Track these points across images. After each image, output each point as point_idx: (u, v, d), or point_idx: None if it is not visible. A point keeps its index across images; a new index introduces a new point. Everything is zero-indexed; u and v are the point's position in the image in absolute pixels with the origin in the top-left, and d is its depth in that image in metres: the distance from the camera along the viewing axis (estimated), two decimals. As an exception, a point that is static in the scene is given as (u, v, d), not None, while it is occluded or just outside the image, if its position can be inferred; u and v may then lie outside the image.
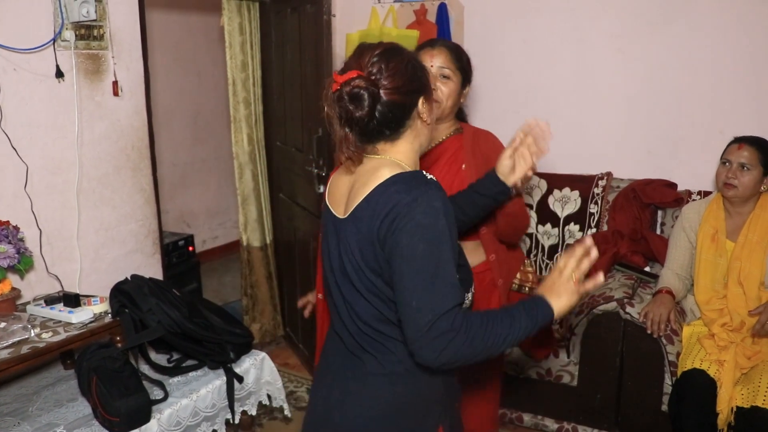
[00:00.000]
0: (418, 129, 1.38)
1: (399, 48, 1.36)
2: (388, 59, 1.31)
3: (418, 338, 1.21)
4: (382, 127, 1.32)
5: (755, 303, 2.42)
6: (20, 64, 2.44)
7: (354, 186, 1.35)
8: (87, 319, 2.26)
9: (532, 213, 3.28)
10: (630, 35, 3.19)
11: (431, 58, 2.03)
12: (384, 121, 1.31)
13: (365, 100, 1.29)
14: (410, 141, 1.37)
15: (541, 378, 2.80)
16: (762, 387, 2.27)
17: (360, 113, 1.29)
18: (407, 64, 1.33)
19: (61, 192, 2.62)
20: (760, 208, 2.51)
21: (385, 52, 1.33)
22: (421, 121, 1.38)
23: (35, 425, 2.05)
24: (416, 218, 1.21)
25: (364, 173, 1.34)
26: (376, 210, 1.26)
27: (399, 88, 1.31)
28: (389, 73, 1.30)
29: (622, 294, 2.68)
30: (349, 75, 1.30)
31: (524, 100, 3.49)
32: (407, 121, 1.35)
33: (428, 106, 1.38)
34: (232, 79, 3.67)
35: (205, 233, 5.62)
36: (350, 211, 1.32)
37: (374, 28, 3.68)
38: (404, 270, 1.22)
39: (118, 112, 2.82)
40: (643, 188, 3.07)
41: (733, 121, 2.98)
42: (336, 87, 1.31)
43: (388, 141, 1.35)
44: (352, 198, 1.34)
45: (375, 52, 1.32)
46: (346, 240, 1.32)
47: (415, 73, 1.35)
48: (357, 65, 1.32)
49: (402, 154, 1.36)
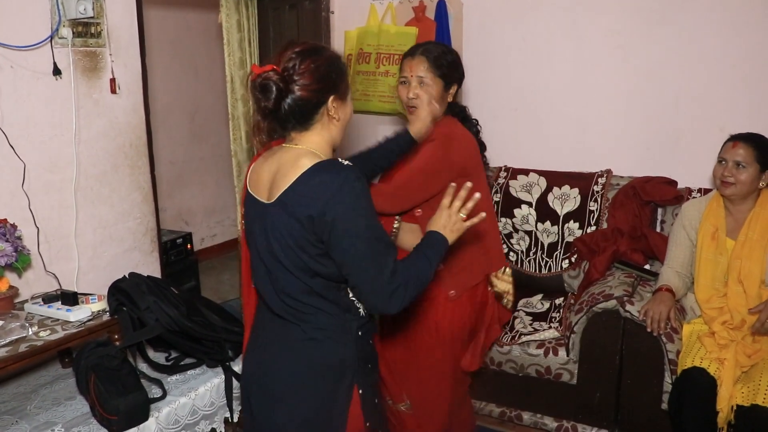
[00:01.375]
0: (326, 124, 1.54)
1: (320, 49, 1.53)
2: (304, 58, 1.47)
3: (382, 295, 1.45)
4: (289, 117, 1.49)
5: (755, 301, 2.42)
6: (17, 62, 2.43)
7: (277, 174, 1.49)
8: (85, 317, 2.25)
9: (532, 210, 3.27)
10: (629, 32, 3.19)
11: (410, 69, 2.20)
12: (291, 113, 1.48)
13: (272, 93, 1.45)
14: (319, 133, 1.54)
15: (540, 376, 2.80)
16: (762, 385, 2.26)
17: (266, 104, 1.46)
18: (321, 65, 1.49)
19: (59, 190, 2.61)
20: (760, 206, 2.50)
21: (304, 51, 1.48)
22: (329, 117, 1.53)
23: (33, 423, 2.04)
24: (346, 201, 1.40)
25: (285, 162, 1.49)
26: (304, 196, 1.42)
27: (308, 86, 1.47)
28: (301, 71, 1.46)
29: (621, 292, 2.68)
30: (265, 68, 1.46)
31: (523, 97, 3.49)
32: (315, 116, 1.51)
33: (338, 104, 1.53)
34: (230, 77, 3.66)
35: (203, 231, 5.61)
36: (276, 196, 1.46)
37: (373, 25, 3.67)
38: (355, 245, 1.42)
39: (116, 110, 2.81)
40: (643, 186, 3.07)
41: (733, 118, 2.97)
42: (253, 77, 1.47)
43: (298, 131, 1.52)
44: (275, 185, 1.48)
45: (295, 50, 1.48)
46: (273, 223, 1.47)
47: (329, 74, 1.50)
48: (276, 60, 1.48)
49: (315, 144, 1.53)
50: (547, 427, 2.86)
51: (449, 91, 2.23)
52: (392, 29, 3.61)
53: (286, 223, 1.45)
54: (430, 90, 2.17)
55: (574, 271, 3.19)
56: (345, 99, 1.56)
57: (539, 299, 3.16)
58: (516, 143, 3.51)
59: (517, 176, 3.35)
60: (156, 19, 4.89)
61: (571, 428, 2.80)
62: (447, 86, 2.22)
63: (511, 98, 3.52)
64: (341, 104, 1.55)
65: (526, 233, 3.30)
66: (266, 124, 1.51)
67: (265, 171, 1.54)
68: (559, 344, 2.77)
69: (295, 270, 1.48)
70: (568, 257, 3.20)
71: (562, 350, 2.75)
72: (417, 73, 2.17)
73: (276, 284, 1.53)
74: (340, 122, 1.56)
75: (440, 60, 2.19)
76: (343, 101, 1.56)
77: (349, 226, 1.41)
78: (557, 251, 3.23)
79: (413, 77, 2.18)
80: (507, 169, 3.41)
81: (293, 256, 1.46)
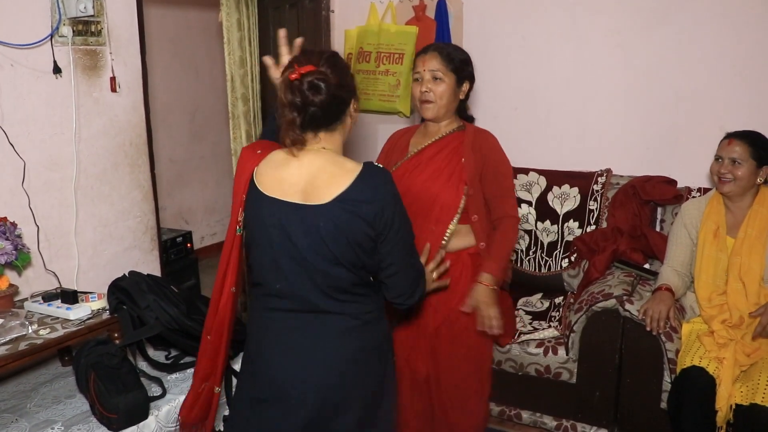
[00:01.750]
0: (347, 125, 1.67)
1: (336, 54, 1.64)
2: (334, 62, 1.58)
3: (412, 286, 1.70)
4: (327, 115, 1.57)
5: (755, 298, 2.42)
6: (17, 60, 2.43)
7: (318, 176, 1.57)
8: (85, 315, 2.25)
9: (531, 209, 3.27)
10: (629, 32, 3.19)
11: (423, 64, 2.26)
12: (329, 111, 1.57)
13: (322, 90, 1.53)
14: (341, 133, 1.66)
15: (539, 375, 2.80)
16: (761, 384, 2.27)
17: (315, 99, 1.53)
18: (346, 69, 1.62)
19: (59, 188, 2.61)
20: (758, 203, 2.51)
21: (331, 56, 1.60)
22: (350, 119, 1.66)
23: (33, 422, 2.04)
24: (396, 206, 1.58)
25: (325, 165, 1.58)
26: (366, 196, 1.54)
27: (343, 86, 1.57)
28: (336, 72, 1.56)
29: (621, 291, 2.68)
30: (308, 68, 1.53)
31: (523, 96, 3.49)
32: (343, 116, 1.62)
33: (356, 105, 1.66)
34: (230, 76, 3.66)
35: (203, 230, 5.61)
36: (331, 198, 1.54)
37: (373, 24, 3.67)
38: (400, 242, 1.61)
39: (116, 109, 2.81)
40: (643, 185, 3.07)
41: (732, 117, 2.97)
42: (296, 76, 1.53)
43: (326, 131, 1.61)
44: (320, 186, 1.56)
45: (324, 55, 1.58)
46: (325, 222, 1.55)
47: (352, 78, 1.64)
48: (307, 62, 1.55)
49: (335, 145, 1.64)
50: (546, 426, 2.86)
51: (461, 88, 2.29)
52: (392, 28, 3.61)
53: (347, 222, 1.54)
54: (443, 86, 2.23)
55: (574, 270, 3.19)
56: (358, 101, 1.68)
57: (539, 298, 3.17)
58: (516, 142, 3.50)
59: (516, 175, 3.35)
60: (156, 17, 4.89)
61: (571, 427, 2.80)
62: (459, 82, 2.27)
63: (511, 97, 3.52)
64: (356, 106, 1.67)
65: (525, 232, 3.30)
66: (300, 120, 1.56)
67: (292, 174, 1.60)
68: (559, 343, 2.77)
69: (349, 265, 1.59)
70: (568, 256, 3.20)
71: (561, 349, 2.76)
72: (430, 68, 2.23)
73: (322, 280, 1.60)
74: (353, 123, 1.69)
75: (452, 55, 2.25)
76: (357, 103, 1.68)
77: (399, 224, 1.60)
78: (557, 250, 3.23)
79: (426, 71, 2.24)
80: (507, 168, 3.41)
81: (349, 251, 1.57)
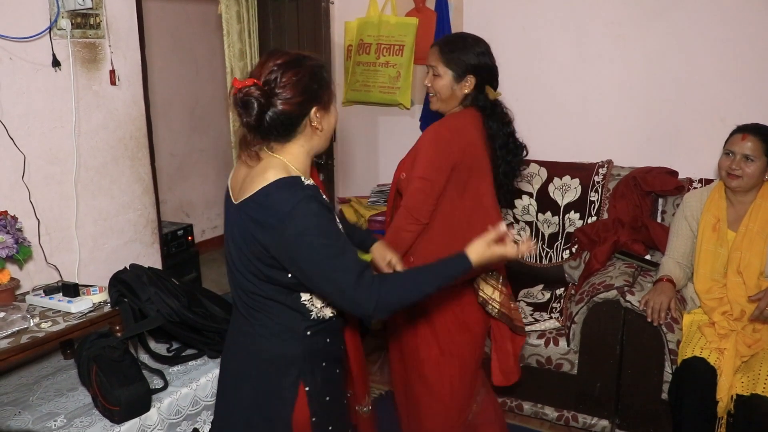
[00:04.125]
0: (310, 135, 1.54)
1: (302, 59, 1.50)
2: (286, 70, 1.46)
3: (351, 293, 1.44)
4: (271, 130, 1.48)
5: (754, 292, 2.41)
6: (16, 53, 2.42)
7: (246, 179, 1.52)
8: (86, 308, 2.25)
9: (532, 201, 3.27)
10: (630, 23, 3.18)
11: (428, 58, 2.18)
12: (273, 126, 1.48)
13: (254, 108, 1.45)
14: (301, 144, 1.54)
15: (541, 366, 2.80)
16: (762, 375, 2.27)
17: (247, 119, 1.46)
18: (303, 77, 1.47)
19: (59, 182, 2.61)
20: (761, 197, 2.49)
21: (286, 63, 1.47)
22: (312, 128, 1.52)
23: (36, 414, 2.05)
24: (299, 225, 1.41)
25: (257, 169, 1.51)
26: (262, 207, 1.45)
27: (289, 99, 1.46)
28: (283, 84, 1.45)
29: (622, 282, 2.68)
30: (245, 83, 1.46)
31: (524, 87, 3.48)
32: (298, 128, 1.51)
33: (322, 114, 1.52)
34: (230, 68, 3.65)
35: (204, 223, 5.60)
36: (240, 200, 1.50)
37: (373, 15, 3.66)
38: (315, 262, 1.43)
39: (116, 102, 2.80)
40: (644, 176, 3.06)
41: (734, 108, 2.96)
42: (234, 92, 1.47)
43: (280, 142, 1.52)
44: (243, 188, 1.51)
45: (277, 62, 1.47)
46: (236, 223, 1.52)
47: (311, 85, 1.49)
48: (258, 72, 1.48)
49: (292, 156, 1.53)
50: (547, 417, 2.87)
51: (464, 83, 2.13)
52: (392, 20, 3.60)
53: (244, 228, 1.49)
54: (440, 80, 2.14)
55: (575, 261, 3.19)
56: (328, 109, 1.55)
57: (540, 290, 3.17)
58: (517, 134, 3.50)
59: (517, 167, 3.34)
60: (155, 10, 4.87)
61: (572, 418, 2.81)
62: (458, 77, 2.13)
63: (511, 89, 3.49)
64: (324, 114, 1.54)
65: (526, 224, 3.30)
66: (251, 137, 1.51)
67: (241, 173, 1.58)
68: (560, 334, 2.78)
69: (246, 272, 1.53)
70: (569, 248, 3.20)
71: (562, 340, 2.76)
72: (430, 62, 2.17)
73: (233, 280, 1.60)
74: (324, 132, 1.56)
75: (447, 48, 2.13)
76: (327, 111, 1.55)
77: (305, 249, 1.43)
78: (558, 242, 3.23)
79: (429, 66, 2.18)
80: (507, 160, 3.41)
81: (246, 260, 1.51)
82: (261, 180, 1.47)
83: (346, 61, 3.87)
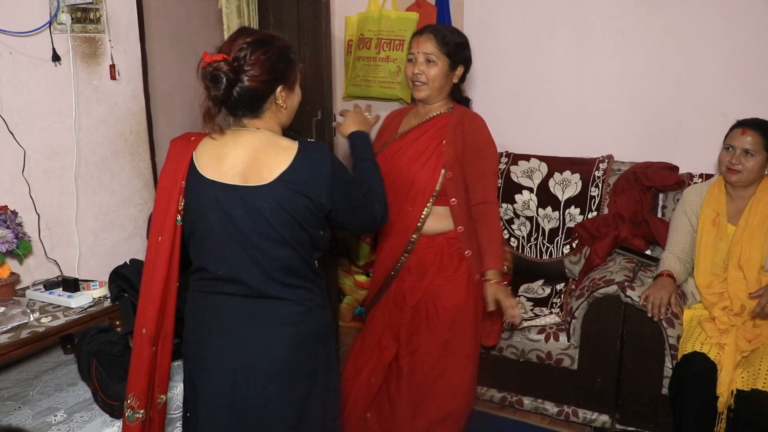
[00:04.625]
0: (275, 111, 1.63)
1: (271, 39, 1.57)
2: (255, 49, 1.52)
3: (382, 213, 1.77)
4: (239, 105, 1.57)
5: (755, 287, 2.42)
6: (16, 48, 2.41)
7: (256, 157, 1.56)
8: (86, 303, 2.25)
9: (533, 196, 3.27)
10: (630, 17, 3.16)
11: (418, 45, 2.26)
12: (240, 101, 1.56)
13: (222, 83, 1.50)
14: (269, 119, 1.63)
15: (541, 361, 2.80)
16: (762, 370, 2.27)
17: (215, 93, 1.52)
18: (271, 56, 1.54)
19: (59, 177, 2.61)
20: (761, 191, 2.49)
21: (255, 41, 1.53)
22: (277, 106, 1.62)
23: (36, 409, 2.05)
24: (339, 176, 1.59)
25: (262, 145, 1.57)
26: (308, 173, 1.54)
27: (256, 77, 1.53)
28: (251, 62, 1.52)
29: (622, 277, 2.68)
30: (215, 57, 1.51)
31: (524, 82, 3.47)
32: (264, 104, 1.60)
33: (286, 93, 1.62)
34: (230, 63, 3.64)
35: (204, 218, 5.60)
36: (272, 177, 1.53)
37: (373, 10, 3.65)
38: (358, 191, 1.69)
39: (116, 96, 2.80)
40: (644, 171, 3.06)
41: (735, 103, 2.96)
42: (204, 65, 1.51)
43: (249, 117, 1.61)
44: (260, 167, 1.55)
45: (246, 40, 1.53)
46: (271, 201, 1.53)
47: (278, 65, 1.56)
48: (227, 48, 1.54)
49: (269, 127, 1.63)
50: (547, 412, 2.87)
51: (455, 72, 2.30)
52: (393, 14, 3.59)
53: (290, 200, 1.53)
54: (436, 69, 2.24)
55: (575, 256, 3.19)
56: (293, 89, 1.65)
57: (540, 285, 3.17)
58: (517, 128, 3.50)
59: (518, 162, 3.34)
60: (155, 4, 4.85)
61: (572, 413, 2.81)
62: (453, 66, 2.28)
63: (512, 83, 3.50)
64: (289, 93, 1.64)
65: (527, 219, 3.29)
66: (216, 110, 1.56)
67: (230, 156, 1.59)
68: (560, 329, 2.78)
69: (294, 242, 1.57)
70: (569, 243, 3.20)
71: (563, 335, 2.76)
72: (424, 50, 2.24)
73: (267, 263, 1.58)
74: (287, 110, 1.66)
75: (447, 38, 2.25)
76: (291, 91, 1.65)
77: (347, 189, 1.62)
78: (558, 237, 3.23)
79: (420, 53, 2.25)
80: (508, 155, 3.40)
81: (295, 229, 1.56)
82: (280, 150, 1.56)
83: (347, 56, 3.86)
